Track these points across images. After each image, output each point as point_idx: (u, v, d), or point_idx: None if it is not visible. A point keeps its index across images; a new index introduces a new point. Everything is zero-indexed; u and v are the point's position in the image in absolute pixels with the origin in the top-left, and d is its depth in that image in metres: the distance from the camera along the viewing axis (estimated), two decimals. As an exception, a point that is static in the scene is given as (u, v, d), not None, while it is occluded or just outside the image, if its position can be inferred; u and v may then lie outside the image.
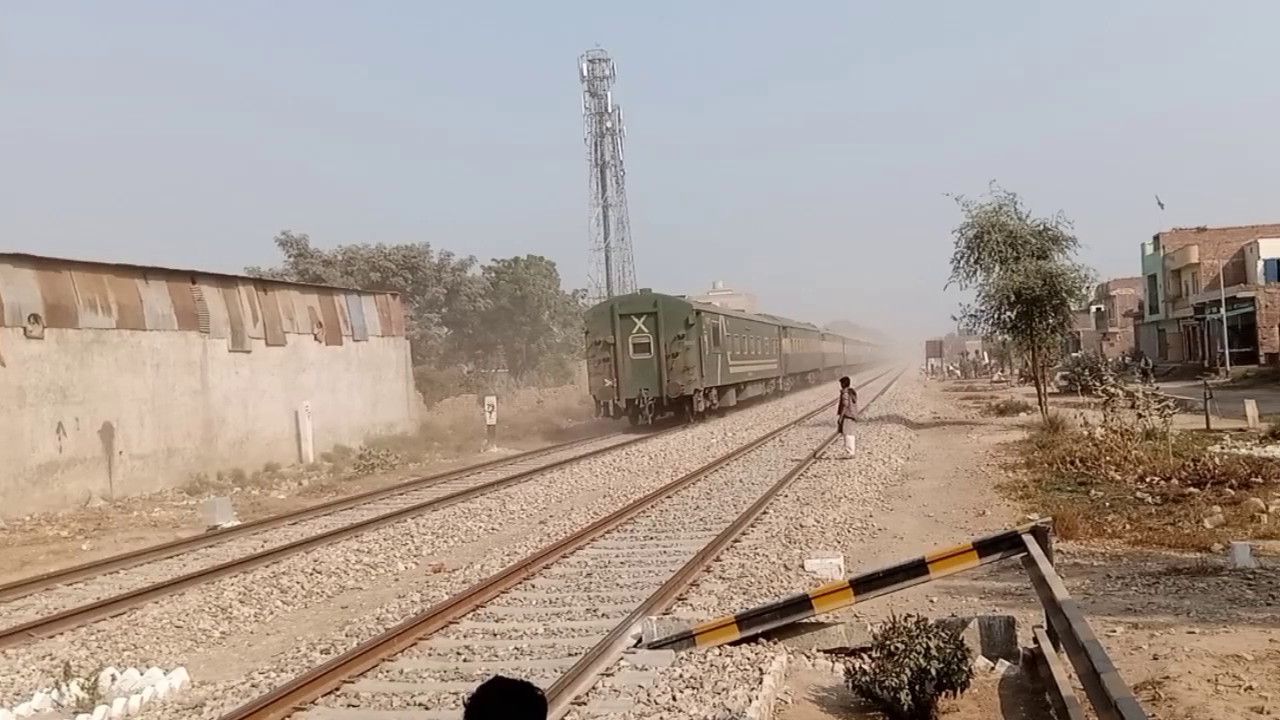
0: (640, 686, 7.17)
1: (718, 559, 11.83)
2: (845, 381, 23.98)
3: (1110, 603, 9.15)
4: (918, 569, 7.97)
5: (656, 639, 8.07)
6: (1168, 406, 20.59)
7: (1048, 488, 16.10)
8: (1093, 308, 77.54)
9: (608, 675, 7.54)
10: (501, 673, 3.56)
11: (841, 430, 22.56)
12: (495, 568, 11.90)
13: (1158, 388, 22.86)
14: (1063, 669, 6.43)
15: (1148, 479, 15.76)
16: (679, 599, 9.97)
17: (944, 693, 6.53)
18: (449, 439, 32.18)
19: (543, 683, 6.30)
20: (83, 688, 7.71)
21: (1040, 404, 29.47)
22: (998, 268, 28.11)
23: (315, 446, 27.36)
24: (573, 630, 9.03)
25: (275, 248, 53.80)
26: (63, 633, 9.97)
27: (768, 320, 54.51)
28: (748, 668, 7.37)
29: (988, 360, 76.63)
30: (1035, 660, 7.27)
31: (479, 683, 2.68)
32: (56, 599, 11.90)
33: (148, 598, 11.19)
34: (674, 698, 6.88)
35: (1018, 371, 57.66)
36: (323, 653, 8.76)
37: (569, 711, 6.85)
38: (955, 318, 32.23)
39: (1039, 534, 7.68)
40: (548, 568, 11.84)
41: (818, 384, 64.74)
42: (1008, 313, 28.83)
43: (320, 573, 12.33)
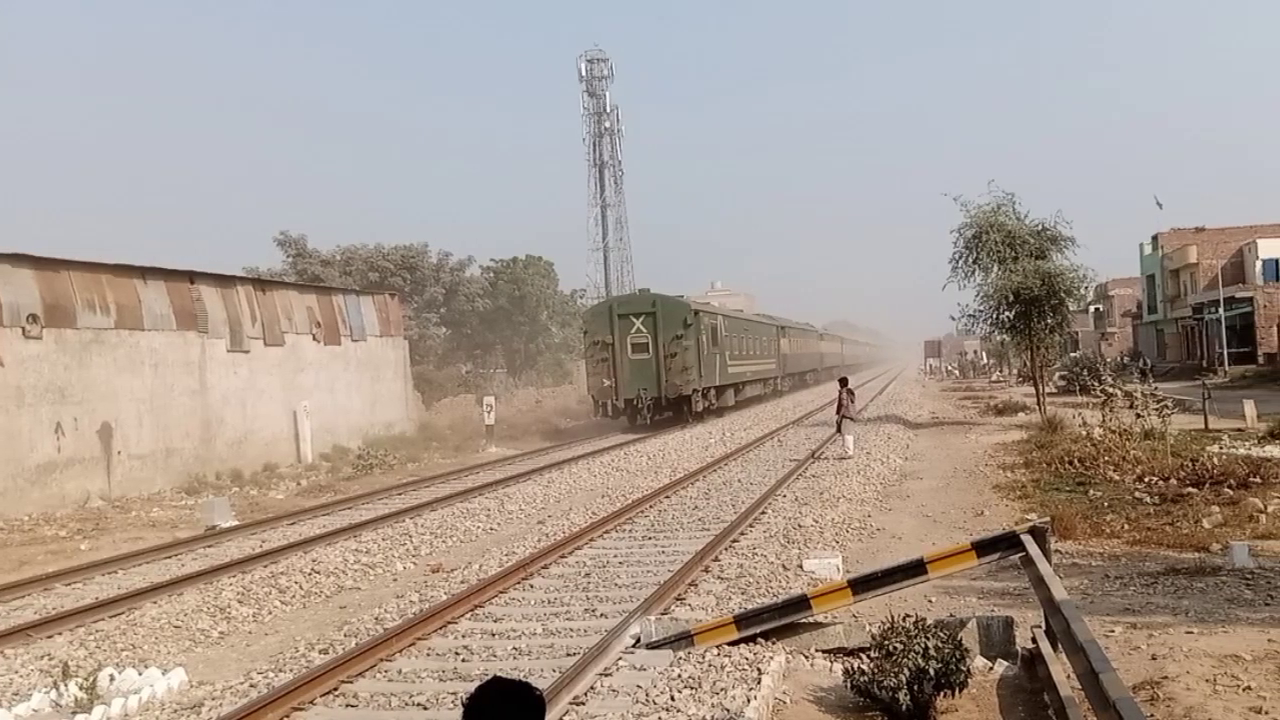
0: (639, 686, 7.17)
1: (716, 559, 11.83)
2: (844, 381, 23.99)
3: (1108, 603, 9.15)
4: (916, 569, 7.98)
5: (655, 639, 8.08)
6: (1166, 406, 20.61)
7: (1046, 488, 16.11)
8: (1091, 308, 77.60)
9: (606, 675, 7.55)
10: (500, 673, 3.56)
11: (840, 430, 22.58)
12: (494, 568, 11.90)
13: (1156, 388, 22.87)
14: (1061, 669, 6.43)
15: (1146, 479, 15.76)
16: (677, 599, 9.97)
17: (942, 693, 6.54)
18: (447, 439, 32.17)
19: (541, 683, 6.29)
20: (81, 688, 7.71)
21: (1039, 404, 29.52)
22: (996, 268, 28.16)
23: (314, 446, 27.36)
24: (571, 630, 9.03)
25: (274, 248, 53.99)
26: (61, 633, 9.97)
27: (766, 320, 54.51)
28: (746, 668, 7.37)
29: (986, 360, 76.64)
30: (1034, 660, 7.26)
31: (477, 683, 2.68)
32: (55, 599, 11.89)
33: (146, 598, 11.18)
34: (672, 698, 6.89)
35: (1016, 371, 57.65)
36: (321, 653, 8.76)
37: (567, 711, 6.85)
38: (954, 318, 32.34)
39: (1037, 534, 7.69)
40: (546, 568, 11.84)
41: (816, 384, 64.73)
42: (1006, 313, 28.89)
43: (319, 573, 12.33)
